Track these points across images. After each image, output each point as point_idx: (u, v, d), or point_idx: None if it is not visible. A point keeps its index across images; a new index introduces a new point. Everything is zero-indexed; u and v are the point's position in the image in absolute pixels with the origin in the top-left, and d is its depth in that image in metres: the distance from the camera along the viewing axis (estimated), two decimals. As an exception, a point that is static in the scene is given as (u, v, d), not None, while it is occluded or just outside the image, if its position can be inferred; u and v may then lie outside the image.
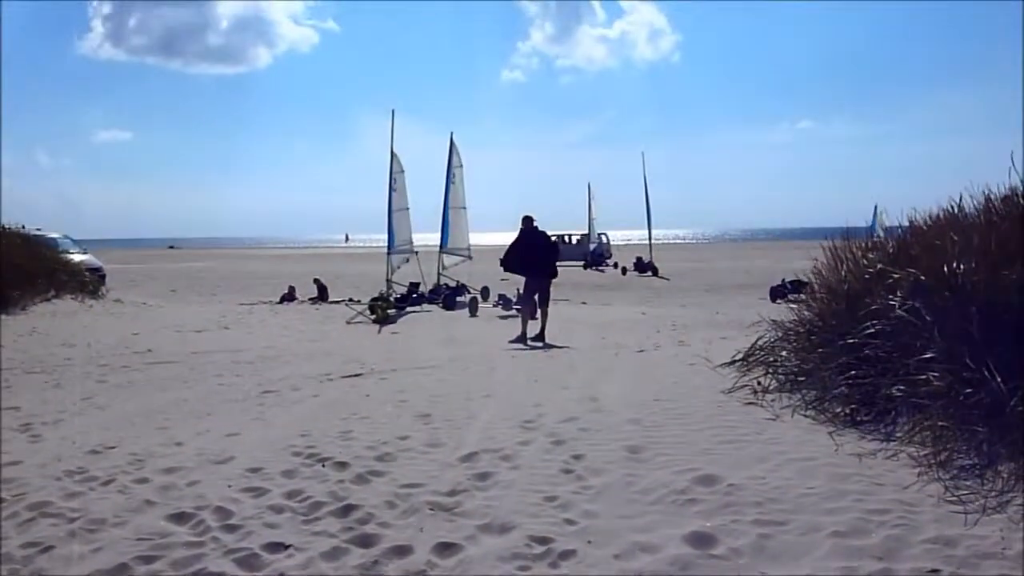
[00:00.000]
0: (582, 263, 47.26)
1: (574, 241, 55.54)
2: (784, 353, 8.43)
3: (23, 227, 25.21)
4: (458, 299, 25.09)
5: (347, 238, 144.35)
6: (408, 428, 7.10)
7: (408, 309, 23.09)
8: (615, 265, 47.92)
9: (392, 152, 24.71)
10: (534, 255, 15.92)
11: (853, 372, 6.88)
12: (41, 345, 14.29)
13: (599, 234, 55.01)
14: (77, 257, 26.06)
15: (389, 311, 21.45)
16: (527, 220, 16.01)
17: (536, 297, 15.96)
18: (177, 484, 5.74)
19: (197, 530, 4.91)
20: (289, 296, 27.32)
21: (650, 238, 47.87)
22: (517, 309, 19.29)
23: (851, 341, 7.09)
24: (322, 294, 27.44)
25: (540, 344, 14.86)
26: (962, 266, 6.49)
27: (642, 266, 43.31)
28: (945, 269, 6.57)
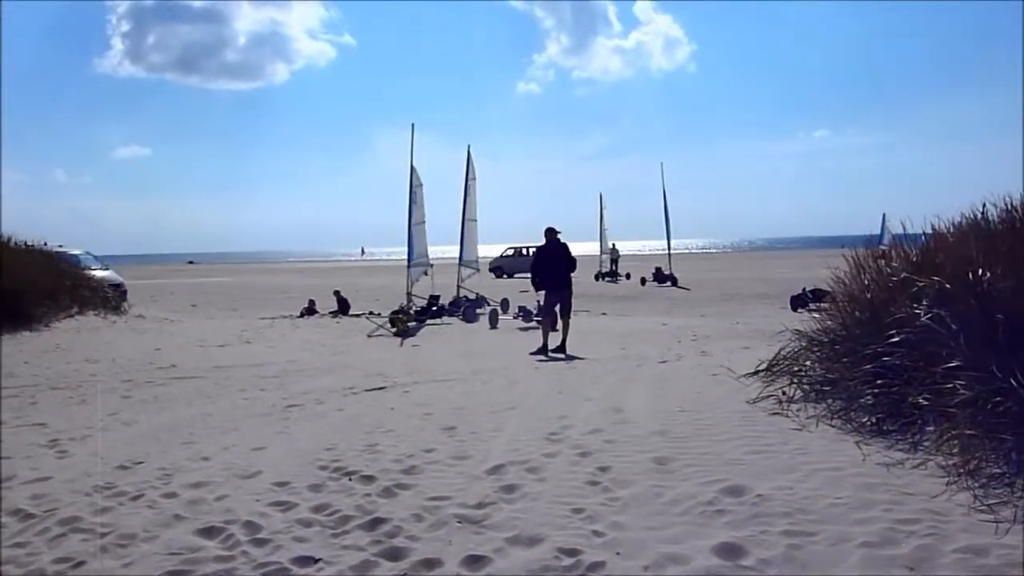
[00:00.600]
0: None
1: (530, 253, 55.34)
2: (808, 363, 8.41)
3: (45, 244, 25.43)
4: (478, 311, 25.12)
5: (363, 251, 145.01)
6: (433, 441, 7.12)
7: (428, 322, 23.16)
8: (627, 276, 47.81)
9: (412, 166, 24.80)
10: (556, 267, 15.94)
11: (879, 381, 6.86)
12: (65, 361, 14.41)
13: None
14: (99, 273, 26.23)
15: (409, 324, 21.52)
16: (550, 232, 16.05)
17: (557, 308, 15.98)
18: (205, 498, 5.78)
19: (227, 544, 4.94)
20: (309, 310, 27.44)
21: (669, 248, 47.71)
22: (538, 321, 19.30)
23: (876, 350, 7.08)
24: (343, 307, 27.54)
25: (561, 356, 14.87)
26: (988, 274, 6.47)
27: (661, 276, 43.15)
28: (970, 276, 6.55)
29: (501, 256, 55.60)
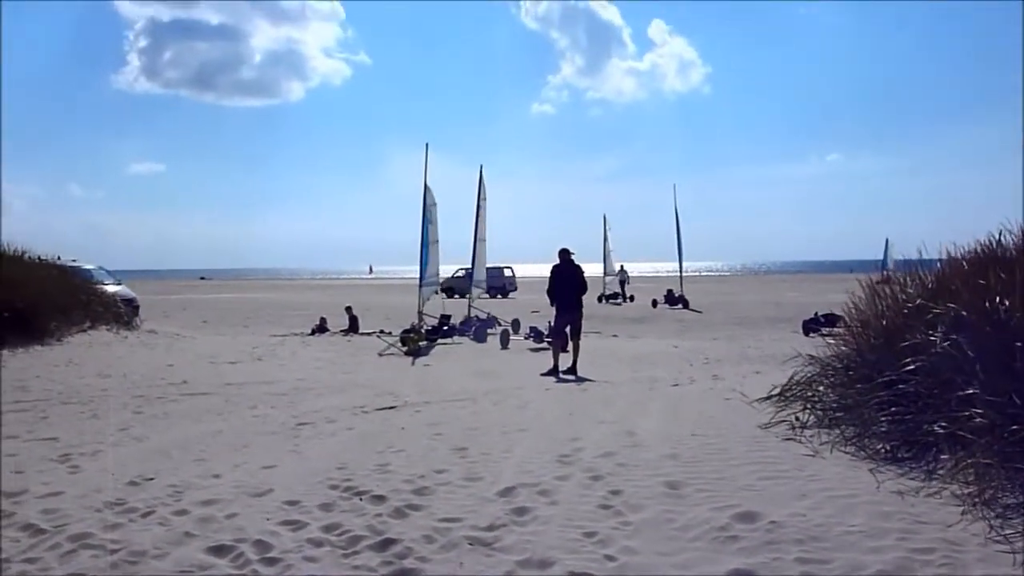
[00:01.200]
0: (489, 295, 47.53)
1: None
2: (822, 388, 8.39)
3: (59, 258, 25.53)
4: (489, 331, 25.09)
5: (371, 270, 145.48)
6: (444, 461, 7.11)
7: (439, 341, 23.15)
8: (631, 299, 47.69)
9: (425, 185, 24.82)
10: (568, 288, 15.92)
11: (893, 408, 6.83)
12: (77, 376, 14.44)
13: (505, 267, 55.50)
14: (111, 288, 26.30)
15: (420, 343, 21.52)
16: (563, 253, 16.08)
17: (568, 330, 15.96)
18: (216, 516, 5.77)
19: (237, 563, 4.93)
20: (320, 328, 27.45)
21: (681, 271, 47.61)
22: (548, 342, 19.28)
23: (891, 377, 7.05)
24: (353, 325, 27.55)
25: (572, 377, 14.84)
26: (1005, 301, 6.44)
27: (672, 298, 43.03)
28: (987, 304, 6.52)
29: (453, 276, 54.76)
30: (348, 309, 28.84)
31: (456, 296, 49.15)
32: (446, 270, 27.64)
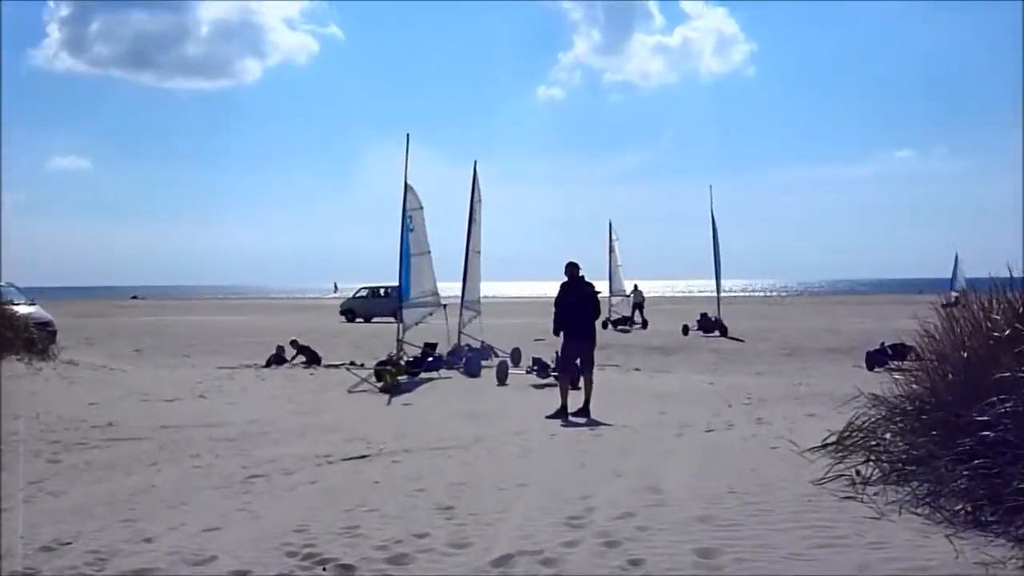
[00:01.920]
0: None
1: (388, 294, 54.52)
2: (888, 435, 8.37)
3: (-42, 274, 25.51)
4: (483, 363, 25.00)
5: (336, 287, 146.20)
6: (426, 523, 7.09)
7: (422, 375, 23.10)
8: (644, 324, 47.29)
9: (406, 185, 24.77)
10: (579, 311, 15.85)
11: (976, 460, 6.80)
12: (-20, 416, 14.41)
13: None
14: (22, 309, 26.22)
15: (399, 377, 21.48)
16: (572, 268, 16.05)
17: (578, 362, 15.90)
18: (147, 589, 5.76)
19: (172, 647, 4.91)
20: (277, 358, 27.39)
21: (718, 290, 47.46)
22: (555, 376, 19.28)
23: (973, 421, 7.03)
24: (311, 357, 27.33)
25: (583, 420, 14.82)
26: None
27: (708, 324, 42.83)
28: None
29: (354, 297, 56.24)
30: (294, 342, 28.23)
31: (359, 320, 49.17)
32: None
